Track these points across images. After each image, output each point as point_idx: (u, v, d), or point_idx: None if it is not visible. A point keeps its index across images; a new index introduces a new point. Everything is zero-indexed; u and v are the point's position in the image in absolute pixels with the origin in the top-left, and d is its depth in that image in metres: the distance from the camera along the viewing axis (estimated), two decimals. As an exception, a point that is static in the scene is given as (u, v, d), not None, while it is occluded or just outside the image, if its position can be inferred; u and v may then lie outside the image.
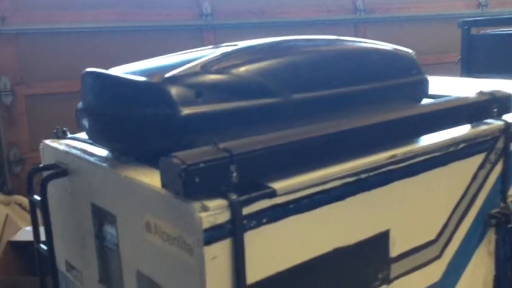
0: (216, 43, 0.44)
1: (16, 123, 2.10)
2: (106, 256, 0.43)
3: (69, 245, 0.48)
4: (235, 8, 2.03)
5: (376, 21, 1.63)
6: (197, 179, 0.31)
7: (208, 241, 0.31)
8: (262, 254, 0.34)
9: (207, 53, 0.42)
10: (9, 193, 1.92)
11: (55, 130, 0.51)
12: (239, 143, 0.34)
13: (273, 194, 0.34)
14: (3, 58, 2.07)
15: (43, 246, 0.47)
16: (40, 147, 0.50)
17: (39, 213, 0.47)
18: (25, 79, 2.11)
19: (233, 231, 0.32)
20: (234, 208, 0.32)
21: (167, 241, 0.34)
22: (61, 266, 0.50)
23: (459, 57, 1.37)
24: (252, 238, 0.33)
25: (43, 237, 0.48)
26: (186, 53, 0.43)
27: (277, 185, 0.34)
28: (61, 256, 0.49)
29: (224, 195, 0.32)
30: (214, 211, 0.31)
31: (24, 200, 1.91)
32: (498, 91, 0.47)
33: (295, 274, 0.35)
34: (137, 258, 0.38)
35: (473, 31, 1.40)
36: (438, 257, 0.45)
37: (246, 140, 0.34)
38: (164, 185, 0.33)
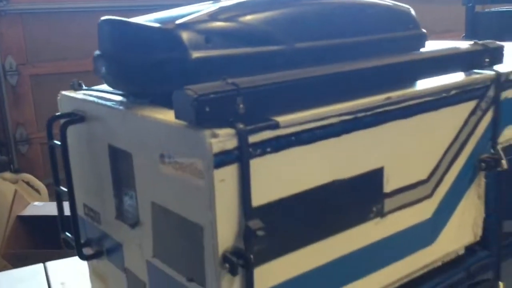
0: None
1: (22, 103, 2.14)
2: (122, 194, 0.46)
3: (86, 189, 0.51)
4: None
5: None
6: (207, 109, 0.34)
7: (218, 165, 0.34)
8: (266, 180, 0.37)
9: (221, 3, 0.45)
10: (15, 171, 1.96)
11: (71, 83, 0.54)
12: (246, 79, 0.37)
13: (276, 125, 0.37)
14: (8, 38, 2.09)
15: (63, 188, 0.50)
16: (58, 98, 0.53)
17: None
18: (31, 59, 2.13)
19: (240, 156, 0.35)
20: (241, 136, 0.35)
21: (180, 170, 0.37)
22: (79, 211, 0.53)
23: (464, 35, 1.38)
24: (257, 165, 0.36)
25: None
26: (201, 4, 0.46)
27: (280, 119, 0.37)
28: (79, 200, 0.52)
29: (231, 125, 0.35)
30: (223, 137, 0.35)
31: (31, 178, 1.95)
32: (491, 42, 0.50)
33: (296, 201, 0.39)
34: (152, 190, 0.42)
35: (478, 8, 1.40)
36: (430, 196, 0.48)
37: (253, 78, 0.37)
38: (177, 116, 0.36)
